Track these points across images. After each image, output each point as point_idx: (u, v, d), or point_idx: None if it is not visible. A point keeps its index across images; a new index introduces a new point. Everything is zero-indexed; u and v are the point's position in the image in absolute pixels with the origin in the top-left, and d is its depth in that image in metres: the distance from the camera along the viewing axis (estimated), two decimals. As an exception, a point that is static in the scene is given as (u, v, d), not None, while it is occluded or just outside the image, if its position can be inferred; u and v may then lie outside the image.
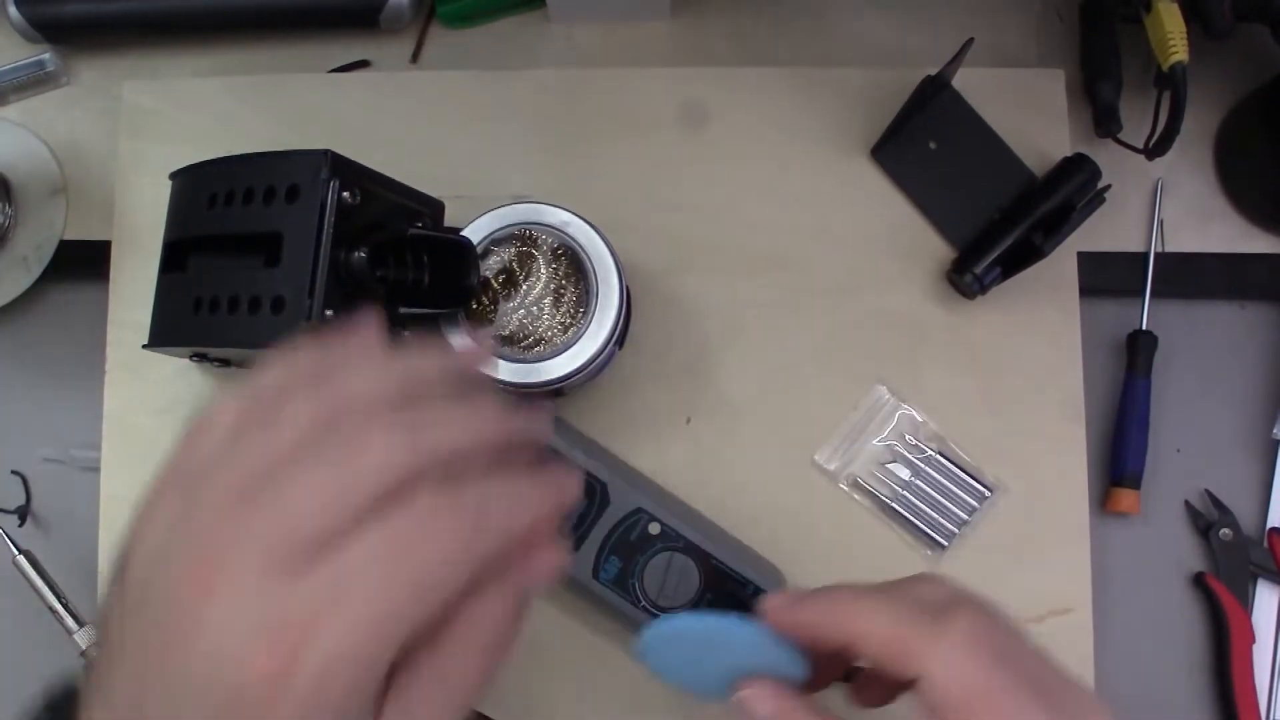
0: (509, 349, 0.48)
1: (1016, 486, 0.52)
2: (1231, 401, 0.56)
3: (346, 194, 0.42)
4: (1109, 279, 0.56)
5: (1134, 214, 0.57)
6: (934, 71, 0.52)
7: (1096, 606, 0.52)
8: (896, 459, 0.53)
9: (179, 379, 0.55)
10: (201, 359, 0.50)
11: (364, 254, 0.42)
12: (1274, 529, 0.54)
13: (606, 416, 0.53)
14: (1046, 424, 0.53)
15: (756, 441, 0.53)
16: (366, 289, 0.43)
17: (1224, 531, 0.54)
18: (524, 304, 0.48)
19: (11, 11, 0.59)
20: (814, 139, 0.56)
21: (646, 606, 0.47)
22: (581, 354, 0.47)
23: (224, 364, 0.51)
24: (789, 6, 0.60)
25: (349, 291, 0.42)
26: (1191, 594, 0.55)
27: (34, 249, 0.59)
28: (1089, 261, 0.54)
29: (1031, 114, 0.56)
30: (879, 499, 0.52)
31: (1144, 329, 0.55)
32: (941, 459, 0.53)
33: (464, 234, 0.48)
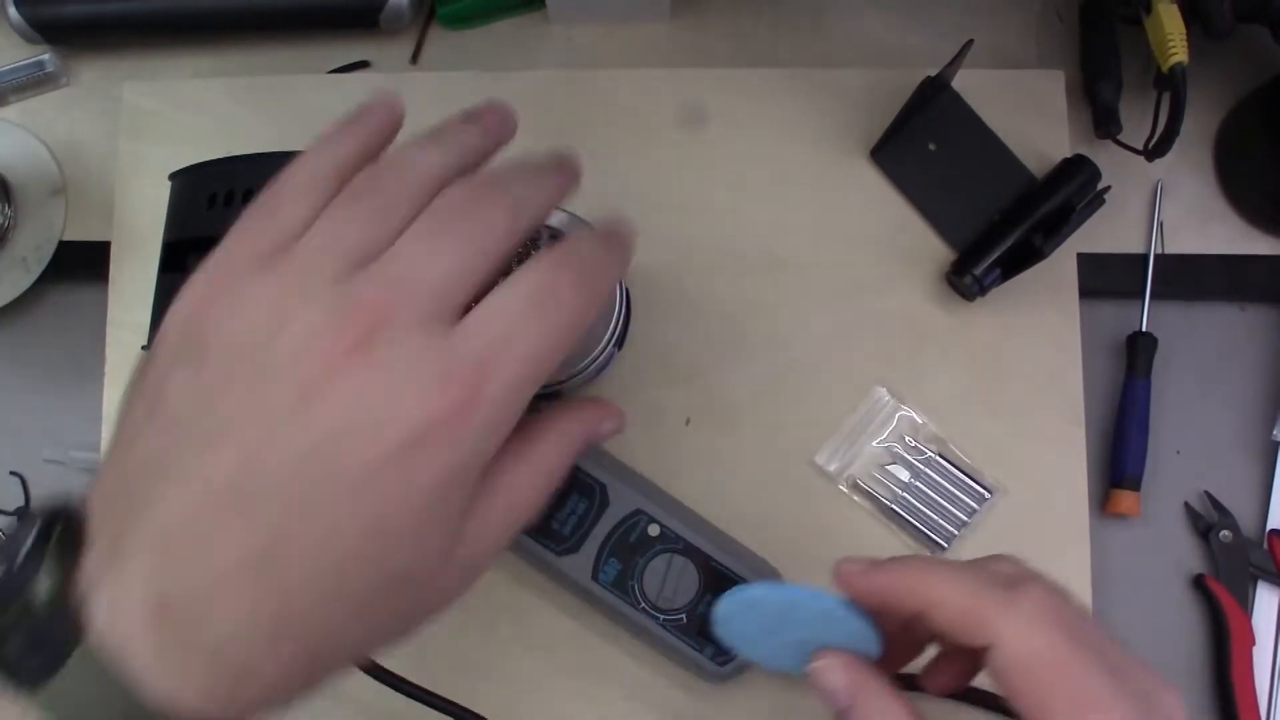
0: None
1: (1016, 488, 0.52)
2: (1231, 403, 0.56)
3: (346, 195, 0.42)
4: (1109, 280, 0.56)
5: (1134, 215, 0.57)
6: (934, 72, 0.52)
7: (1096, 608, 0.52)
8: (896, 460, 0.53)
9: (178, 380, 0.55)
10: (201, 360, 0.50)
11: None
12: (1274, 531, 0.54)
13: (606, 417, 0.53)
14: (1046, 425, 0.53)
15: (756, 443, 0.53)
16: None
17: (1224, 533, 0.54)
18: (523, 305, 0.48)
19: (11, 12, 0.59)
20: (813, 140, 0.56)
21: (646, 609, 0.47)
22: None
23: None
24: (789, 7, 0.60)
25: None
26: (1191, 596, 0.55)
27: (33, 249, 0.59)
28: (1089, 263, 0.54)
29: (1031, 115, 0.55)
30: (878, 500, 0.52)
31: (1144, 330, 0.55)
32: (941, 460, 0.53)
33: (463, 235, 0.48)
